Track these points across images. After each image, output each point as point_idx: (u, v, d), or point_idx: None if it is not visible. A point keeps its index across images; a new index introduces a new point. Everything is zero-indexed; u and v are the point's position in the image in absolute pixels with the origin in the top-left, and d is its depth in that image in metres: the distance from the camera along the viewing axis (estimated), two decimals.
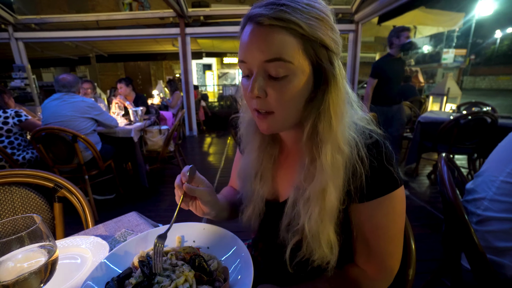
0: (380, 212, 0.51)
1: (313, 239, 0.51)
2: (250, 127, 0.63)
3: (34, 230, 0.43)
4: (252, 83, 0.48)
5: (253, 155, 0.64)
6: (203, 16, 5.29)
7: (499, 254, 0.81)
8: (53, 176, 0.91)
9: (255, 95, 0.48)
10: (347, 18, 5.21)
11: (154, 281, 0.48)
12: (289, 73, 0.46)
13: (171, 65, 11.29)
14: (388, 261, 0.54)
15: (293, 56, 0.45)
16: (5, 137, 2.20)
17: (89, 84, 3.47)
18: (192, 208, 0.59)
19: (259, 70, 0.47)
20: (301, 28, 0.44)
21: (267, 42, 0.45)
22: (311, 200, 0.51)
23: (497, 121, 2.53)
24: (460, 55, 12.51)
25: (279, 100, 0.48)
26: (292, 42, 0.45)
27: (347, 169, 0.50)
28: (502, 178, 0.82)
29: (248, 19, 0.47)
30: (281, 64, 0.45)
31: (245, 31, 0.48)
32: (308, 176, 0.52)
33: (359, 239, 0.55)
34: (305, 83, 0.48)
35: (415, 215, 2.34)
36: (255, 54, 0.46)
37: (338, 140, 0.49)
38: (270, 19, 0.44)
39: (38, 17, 5.33)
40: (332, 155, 0.48)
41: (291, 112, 0.50)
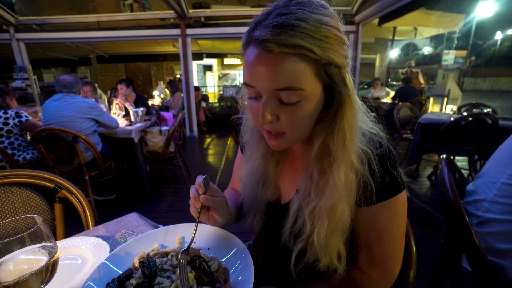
0: (383, 215, 0.52)
1: (321, 249, 0.51)
2: (254, 135, 0.62)
3: (35, 230, 0.43)
4: (263, 109, 0.46)
5: (257, 163, 0.63)
6: (203, 17, 5.30)
7: (499, 256, 0.81)
8: (54, 177, 0.91)
9: (267, 121, 0.47)
10: (348, 19, 5.21)
11: (154, 282, 0.48)
12: (301, 99, 0.44)
13: (172, 66, 11.31)
14: (390, 264, 0.54)
15: (305, 83, 0.43)
16: (6, 138, 2.21)
17: (89, 86, 3.46)
18: (204, 218, 0.57)
19: (269, 96, 0.45)
20: (313, 53, 0.41)
21: (277, 72, 0.42)
22: (321, 213, 0.50)
23: (498, 122, 2.53)
24: (461, 57, 12.52)
25: (291, 124, 0.47)
26: (304, 69, 0.42)
27: (360, 185, 0.50)
28: (503, 180, 0.82)
29: (254, 41, 0.43)
30: (293, 92, 0.43)
31: (250, 53, 0.44)
32: (319, 188, 0.51)
33: (362, 242, 0.55)
34: (316, 104, 0.47)
35: (416, 216, 2.34)
36: (265, 82, 0.44)
37: (352, 158, 0.48)
38: (281, 46, 0.40)
39: (39, 18, 5.35)
40: (346, 174, 0.48)
41: (303, 132, 0.50)
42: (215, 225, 0.59)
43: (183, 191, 2.94)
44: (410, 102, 4.29)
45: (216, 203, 0.55)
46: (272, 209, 0.65)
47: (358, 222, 0.53)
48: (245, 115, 0.64)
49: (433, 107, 4.94)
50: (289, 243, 0.56)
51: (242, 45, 0.47)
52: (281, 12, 0.42)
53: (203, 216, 0.57)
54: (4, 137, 2.20)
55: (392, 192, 0.51)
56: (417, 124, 3.08)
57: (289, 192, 0.62)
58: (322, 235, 0.50)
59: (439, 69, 14.17)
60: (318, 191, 0.51)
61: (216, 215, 0.56)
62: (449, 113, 3.52)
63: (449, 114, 3.31)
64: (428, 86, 10.39)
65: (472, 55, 17.01)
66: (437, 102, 4.85)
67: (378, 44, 10.47)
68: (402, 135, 3.50)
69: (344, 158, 0.48)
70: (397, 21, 5.22)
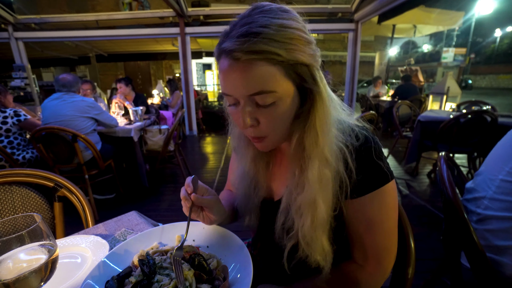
0: (372, 207, 0.52)
1: (307, 246, 0.52)
2: (242, 141, 0.63)
3: (34, 229, 0.43)
4: (242, 115, 0.48)
5: (247, 167, 0.64)
6: (202, 15, 5.29)
7: (498, 253, 0.81)
8: (53, 176, 0.91)
9: (248, 125, 0.49)
10: (347, 17, 5.20)
11: (153, 280, 0.48)
12: (275, 100, 0.47)
13: (171, 65, 11.29)
14: (383, 255, 0.55)
15: (276, 85, 0.45)
16: (5, 137, 2.20)
17: (88, 85, 3.46)
18: (200, 218, 0.59)
19: (246, 102, 0.48)
20: (279, 56, 0.43)
21: (247, 78, 0.44)
22: (302, 209, 0.51)
23: (497, 119, 2.53)
24: (460, 54, 12.51)
25: (271, 125, 0.49)
26: (272, 72, 0.44)
27: (335, 180, 0.51)
28: (501, 177, 0.82)
29: (223, 53, 0.46)
30: (265, 95, 0.46)
31: (222, 64, 0.47)
32: (298, 185, 0.53)
33: (354, 235, 0.55)
34: (291, 103, 0.49)
35: (415, 214, 2.34)
36: (238, 89, 0.46)
37: (325, 154, 0.49)
38: (246, 53, 0.43)
39: (38, 17, 5.33)
40: (319, 170, 0.49)
41: (283, 131, 0.52)
42: (211, 223, 0.60)
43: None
44: (409, 100, 4.29)
45: (207, 202, 0.56)
46: (266, 207, 0.66)
47: (347, 214, 0.54)
48: (231, 121, 0.64)
49: (433, 105, 4.94)
50: (282, 240, 0.57)
51: (215, 57, 0.49)
52: (245, 22, 0.44)
53: (196, 214, 0.58)
54: (3, 136, 2.19)
55: (379, 183, 0.51)
56: (417, 122, 3.08)
57: (280, 189, 0.63)
58: (305, 232, 0.51)
59: (439, 66, 14.16)
60: (298, 187, 0.52)
61: (210, 213, 0.57)
62: (448, 111, 3.52)
63: (449, 112, 3.31)
64: (428, 84, 10.39)
65: (472, 53, 17.02)
66: (437, 99, 4.86)
67: (377, 42, 10.46)
68: (401, 133, 3.50)
69: (317, 154, 0.49)
70: (397, 18, 5.21)
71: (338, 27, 5.27)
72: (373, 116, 2.08)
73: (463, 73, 14.30)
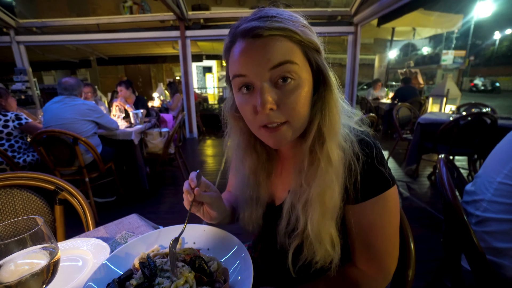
0: (374, 212, 0.52)
1: (315, 239, 0.52)
2: (240, 152, 0.62)
3: (36, 232, 0.43)
4: (262, 96, 0.45)
5: (247, 180, 0.63)
6: (203, 19, 5.32)
7: (498, 255, 0.81)
8: (54, 179, 0.91)
9: (268, 108, 0.46)
10: (346, 20, 5.23)
11: (154, 283, 0.48)
12: (295, 77, 0.46)
13: (171, 68, 11.33)
14: (386, 260, 0.55)
15: (297, 59, 0.46)
16: (5, 140, 2.21)
17: (89, 88, 3.48)
18: (200, 214, 0.58)
19: (265, 81, 0.46)
20: (297, 34, 0.46)
21: (271, 50, 0.45)
22: (313, 200, 0.51)
23: (496, 122, 2.53)
24: (460, 56, 12.55)
25: (292, 107, 0.47)
26: (293, 47, 0.46)
27: (345, 165, 0.51)
28: (499, 179, 0.83)
29: (240, 35, 0.46)
30: (288, 67, 0.45)
31: (238, 46, 0.47)
32: (309, 177, 0.52)
33: (356, 240, 0.55)
34: (309, 87, 0.49)
35: (416, 216, 2.34)
36: (261, 64, 0.45)
37: (339, 137, 0.50)
38: (269, 29, 0.44)
39: (39, 21, 5.36)
40: (337, 152, 0.50)
41: (303, 117, 0.49)
42: (211, 220, 0.60)
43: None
44: (409, 102, 4.30)
45: (208, 197, 0.56)
46: (268, 213, 0.65)
47: (351, 219, 0.54)
48: (226, 132, 0.63)
49: (432, 107, 4.95)
50: (285, 243, 0.57)
51: (226, 47, 0.50)
52: (257, 12, 0.48)
53: (197, 209, 0.58)
54: (4, 139, 2.20)
55: (381, 189, 0.51)
56: (417, 124, 3.08)
57: (282, 195, 0.63)
58: (315, 222, 0.51)
59: (438, 69, 14.19)
60: (308, 180, 0.52)
61: (211, 209, 0.57)
62: (448, 113, 3.53)
63: (448, 114, 3.32)
64: (427, 86, 10.41)
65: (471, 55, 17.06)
66: (436, 102, 4.86)
67: (377, 44, 10.49)
68: (401, 135, 3.51)
69: (334, 136, 0.50)
70: (396, 21, 5.24)
71: (338, 30, 5.29)
72: (373, 118, 2.08)
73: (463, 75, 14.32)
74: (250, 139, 0.60)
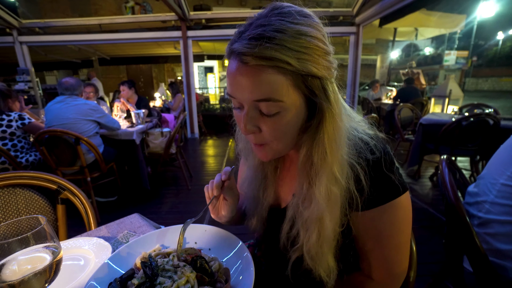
0: (382, 220, 0.50)
1: (312, 261, 0.51)
2: (248, 144, 0.62)
3: (39, 231, 0.43)
4: (244, 121, 0.47)
5: (255, 171, 0.63)
6: (204, 19, 5.33)
7: (501, 257, 0.81)
8: (56, 178, 0.92)
9: (249, 132, 0.48)
10: (348, 20, 5.23)
11: (156, 282, 0.48)
12: (280, 110, 0.44)
13: (173, 68, 11.36)
14: (395, 269, 0.53)
15: (283, 95, 0.43)
16: (9, 140, 2.22)
17: (91, 87, 3.49)
18: (211, 206, 0.61)
19: (250, 107, 0.46)
20: (289, 65, 0.41)
21: (254, 83, 0.42)
22: (309, 223, 0.50)
23: (499, 122, 2.52)
24: (462, 57, 12.50)
25: (273, 134, 0.47)
26: (281, 81, 0.42)
27: (344, 197, 0.49)
28: (502, 181, 0.82)
29: (233, 54, 0.44)
30: (271, 104, 0.44)
31: (231, 65, 0.45)
32: (306, 199, 0.51)
33: (364, 248, 0.54)
34: (297, 115, 0.47)
35: (417, 217, 2.33)
36: (244, 93, 0.44)
37: (334, 171, 0.47)
38: (255, 58, 0.41)
39: (42, 21, 5.40)
40: (327, 188, 0.47)
41: (287, 142, 0.49)
42: (217, 217, 0.61)
43: (184, 193, 2.95)
44: (411, 103, 4.28)
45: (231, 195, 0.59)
46: (273, 214, 0.65)
47: (357, 227, 0.52)
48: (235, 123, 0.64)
49: (435, 108, 4.93)
50: (286, 249, 0.57)
51: (226, 55, 0.48)
52: (260, 23, 0.42)
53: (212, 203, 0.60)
54: (7, 139, 2.21)
55: (389, 196, 0.49)
56: (419, 125, 3.07)
57: (287, 196, 0.62)
58: (311, 247, 0.50)
59: (441, 69, 14.14)
60: (306, 201, 0.51)
61: (224, 205, 0.59)
62: (450, 114, 3.51)
63: (451, 115, 3.31)
64: (430, 86, 10.37)
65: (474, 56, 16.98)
66: (439, 102, 4.85)
67: (379, 45, 10.46)
68: (403, 136, 3.50)
69: (325, 170, 0.47)
70: (398, 22, 5.22)
71: (340, 30, 5.29)
72: (374, 119, 2.08)
73: (465, 75, 14.25)
74: None
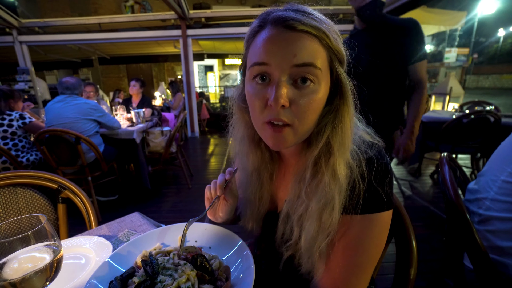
0: (354, 231, 0.47)
1: (305, 253, 0.50)
2: (244, 146, 0.60)
3: (40, 229, 0.44)
4: (278, 90, 0.42)
5: (250, 177, 0.62)
6: (204, 18, 5.32)
7: (501, 254, 0.81)
8: (57, 178, 0.92)
9: (280, 104, 0.43)
10: (348, 18, 5.21)
11: (156, 280, 0.49)
12: (315, 81, 0.44)
13: (173, 67, 11.34)
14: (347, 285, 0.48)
15: (322, 65, 0.44)
16: (10, 139, 2.23)
17: (91, 87, 3.50)
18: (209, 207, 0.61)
19: (286, 75, 0.43)
20: (329, 39, 0.44)
21: (300, 46, 0.42)
22: (310, 214, 0.48)
23: (500, 120, 2.52)
24: (463, 54, 12.46)
25: (304, 110, 0.44)
26: (321, 52, 0.44)
27: (349, 183, 0.47)
28: (503, 177, 0.82)
29: (272, 22, 0.44)
30: (311, 70, 0.43)
31: (266, 33, 0.44)
32: (310, 190, 0.49)
33: (328, 256, 0.50)
34: (324, 94, 0.46)
35: (418, 215, 2.33)
36: (286, 57, 0.42)
37: (348, 154, 0.47)
38: (305, 25, 0.42)
39: (41, 21, 5.39)
40: (343, 168, 0.46)
41: (310, 124, 0.47)
42: (213, 218, 0.62)
43: (185, 192, 2.95)
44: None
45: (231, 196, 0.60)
46: (269, 218, 0.65)
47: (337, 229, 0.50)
48: (231, 123, 0.61)
49: (435, 105, 4.92)
50: (280, 250, 0.57)
51: (251, 32, 0.47)
52: (292, 5, 0.46)
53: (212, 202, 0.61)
54: (8, 139, 2.22)
55: (370, 209, 0.47)
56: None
57: (281, 202, 0.62)
58: (309, 237, 0.48)
59: (441, 67, 14.11)
60: (309, 193, 0.49)
61: (223, 206, 0.60)
62: (451, 111, 3.51)
63: (451, 112, 3.30)
64: (430, 84, 10.34)
65: (474, 53, 16.92)
66: (439, 100, 4.84)
67: None
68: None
69: (344, 153, 0.47)
70: None
71: (340, 28, 5.17)
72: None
73: (466, 73, 14.22)
74: (255, 135, 0.57)
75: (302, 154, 0.53)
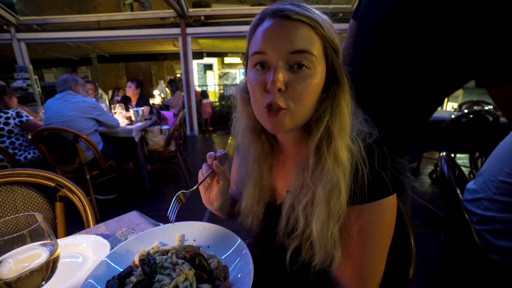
0: (367, 219, 0.49)
1: (318, 240, 0.50)
2: (245, 138, 0.62)
3: (36, 228, 0.43)
4: (275, 74, 0.46)
5: (251, 168, 0.63)
6: (203, 16, 5.30)
7: (499, 253, 0.81)
8: (55, 176, 0.92)
9: (277, 87, 0.46)
10: (348, 17, 5.20)
11: (154, 280, 0.48)
12: (310, 67, 0.47)
13: (172, 65, 11.30)
14: (369, 277, 0.51)
15: (316, 51, 0.47)
16: (7, 138, 2.22)
17: (90, 84, 3.49)
18: (203, 189, 0.62)
19: (282, 61, 0.47)
20: (322, 29, 0.48)
21: (295, 34, 0.46)
22: (319, 201, 0.49)
23: (499, 119, 2.52)
24: None
25: (299, 94, 0.47)
26: (315, 39, 0.48)
27: (352, 167, 0.49)
28: (501, 178, 0.82)
29: (270, 14, 0.49)
30: (306, 56, 0.46)
31: (265, 24, 0.49)
32: (315, 176, 0.51)
33: (344, 246, 0.51)
34: (320, 80, 0.49)
35: (417, 214, 2.34)
36: (282, 44, 0.46)
37: (348, 138, 0.50)
38: (299, 14, 0.47)
39: (40, 18, 5.36)
40: (345, 152, 0.49)
41: (306, 108, 0.49)
42: (208, 203, 0.62)
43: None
44: None
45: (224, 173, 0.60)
46: (269, 211, 0.65)
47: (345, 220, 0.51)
48: (235, 116, 0.63)
49: None
50: (284, 243, 0.57)
51: (253, 25, 0.52)
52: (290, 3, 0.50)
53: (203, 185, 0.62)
54: (5, 137, 2.21)
55: (378, 195, 0.49)
56: None
57: (282, 193, 0.62)
58: (319, 224, 0.49)
59: None
60: (314, 179, 0.51)
61: (216, 189, 0.61)
62: (450, 111, 3.51)
63: (450, 112, 3.30)
64: None
65: None
66: None
67: None
68: None
69: (344, 137, 0.49)
70: None
71: (339, 27, 5.17)
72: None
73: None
74: (257, 126, 0.60)
75: (303, 143, 0.54)
